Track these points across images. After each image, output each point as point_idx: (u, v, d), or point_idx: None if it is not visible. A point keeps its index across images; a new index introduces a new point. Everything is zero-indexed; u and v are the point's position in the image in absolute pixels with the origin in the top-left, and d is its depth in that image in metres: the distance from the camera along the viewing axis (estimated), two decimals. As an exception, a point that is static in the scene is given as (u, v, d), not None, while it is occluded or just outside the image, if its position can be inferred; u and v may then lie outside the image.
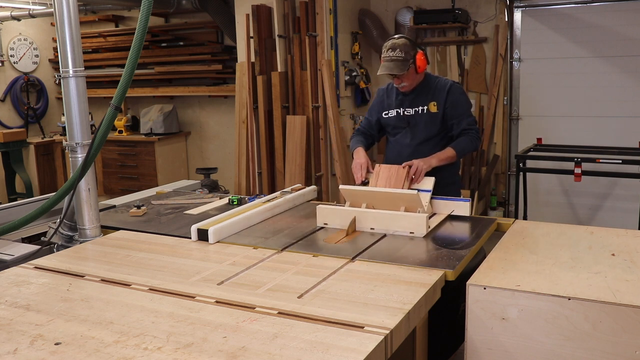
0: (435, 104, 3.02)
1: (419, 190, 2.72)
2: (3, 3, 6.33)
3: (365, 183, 2.89)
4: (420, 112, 3.04)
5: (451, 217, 2.78)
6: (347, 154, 5.56)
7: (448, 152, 2.93)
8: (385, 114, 3.14)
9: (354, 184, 2.92)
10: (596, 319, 1.81)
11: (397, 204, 2.65)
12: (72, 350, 1.58)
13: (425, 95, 3.04)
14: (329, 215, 2.71)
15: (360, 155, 3.01)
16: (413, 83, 3.01)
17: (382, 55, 2.95)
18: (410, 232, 2.53)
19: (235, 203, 3.16)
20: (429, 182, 2.81)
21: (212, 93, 6.96)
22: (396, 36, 3.01)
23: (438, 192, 2.91)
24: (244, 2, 5.67)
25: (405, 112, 3.07)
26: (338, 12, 5.62)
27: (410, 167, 2.80)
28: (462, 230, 2.67)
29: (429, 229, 2.56)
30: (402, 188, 2.74)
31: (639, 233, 2.53)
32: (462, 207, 2.80)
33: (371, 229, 2.61)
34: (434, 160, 2.88)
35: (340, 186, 2.79)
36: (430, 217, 2.71)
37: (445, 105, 3.00)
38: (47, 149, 7.33)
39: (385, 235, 2.55)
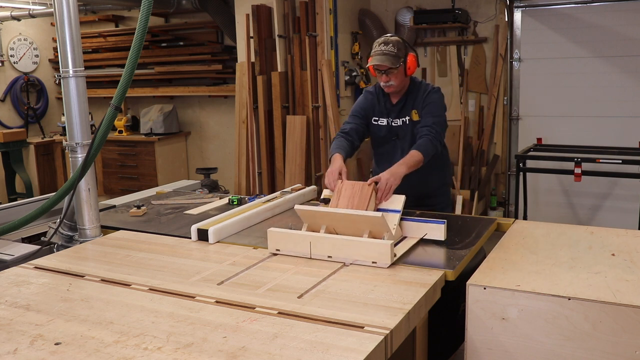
0: (416, 111, 2.92)
1: (387, 210, 2.44)
2: (3, 3, 6.33)
3: (326, 201, 2.57)
4: (406, 122, 2.95)
5: (424, 242, 2.44)
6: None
7: (416, 157, 2.67)
8: (375, 120, 3.02)
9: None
10: (596, 319, 1.81)
11: (361, 227, 2.31)
12: (72, 350, 1.58)
13: (410, 104, 2.95)
14: (281, 240, 2.35)
15: (335, 163, 2.71)
16: (400, 85, 2.89)
17: (373, 50, 2.85)
18: (373, 262, 2.18)
19: (235, 203, 3.16)
20: (398, 201, 2.47)
21: (212, 93, 6.96)
22: (389, 34, 2.94)
23: (431, 194, 2.85)
24: (244, 2, 5.67)
25: (393, 123, 2.98)
26: (338, 12, 5.62)
27: (376, 183, 2.49)
28: (436, 257, 2.32)
29: (395, 258, 2.22)
30: (367, 209, 2.41)
31: (639, 233, 2.53)
32: (436, 230, 2.44)
33: (328, 257, 2.27)
34: (402, 168, 2.59)
35: (296, 206, 2.46)
36: (399, 242, 2.41)
37: (423, 105, 2.90)
38: (47, 149, 7.33)
39: (343, 265, 2.22)
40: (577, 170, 4.71)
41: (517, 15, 5.75)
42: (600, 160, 4.71)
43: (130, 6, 6.78)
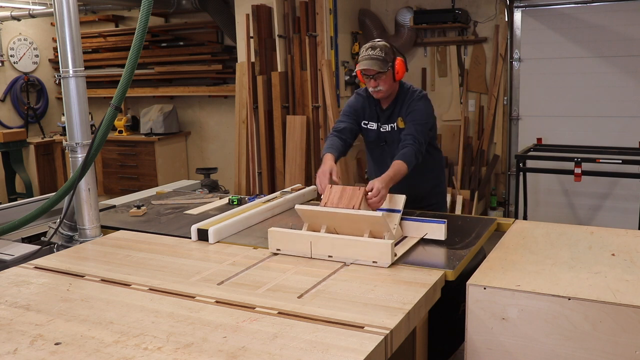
0: (402, 118, 2.87)
1: (388, 210, 2.43)
2: (3, 3, 6.33)
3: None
4: (392, 129, 2.90)
5: (424, 241, 2.45)
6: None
7: (400, 168, 2.59)
8: (364, 124, 2.97)
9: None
10: (596, 319, 1.81)
11: (361, 227, 2.30)
12: (72, 350, 1.58)
13: (398, 110, 2.90)
14: (282, 239, 2.35)
15: (326, 163, 2.73)
16: (388, 90, 2.83)
17: (361, 55, 2.78)
18: (373, 262, 2.18)
19: (235, 203, 3.16)
20: (398, 201, 2.47)
21: (212, 93, 6.96)
22: (376, 39, 2.87)
23: (425, 196, 2.84)
24: (244, 2, 5.67)
25: (382, 129, 2.94)
26: (338, 12, 5.62)
27: (368, 191, 2.44)
28: (436, 257, 2.33)
29: (396, 257, 2.22)
30: (355, 207, 2.36)
31: (639, 233, 2.53)
32: (436, 230, 2.44)
33: (329, 256, 2.26)
34: (388, 180, 2.51)
35: (296, 206, 2.45)
36: (399, 242, 2.41)
37: (407, 112, 2.84)
38: (47, 149, 7.33)
39: (344, 264, 2.22)
40: (577, 170, 4.71)
41: (517, 15, 5.75)
42: (600, 160, 4.71)
43: (130, 6, 6.78)
